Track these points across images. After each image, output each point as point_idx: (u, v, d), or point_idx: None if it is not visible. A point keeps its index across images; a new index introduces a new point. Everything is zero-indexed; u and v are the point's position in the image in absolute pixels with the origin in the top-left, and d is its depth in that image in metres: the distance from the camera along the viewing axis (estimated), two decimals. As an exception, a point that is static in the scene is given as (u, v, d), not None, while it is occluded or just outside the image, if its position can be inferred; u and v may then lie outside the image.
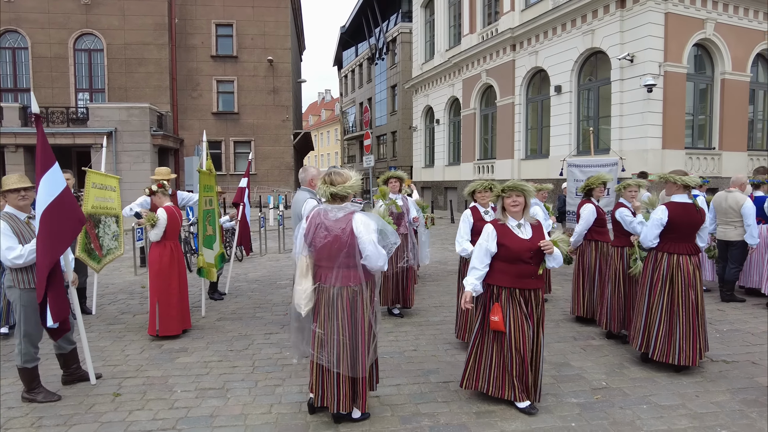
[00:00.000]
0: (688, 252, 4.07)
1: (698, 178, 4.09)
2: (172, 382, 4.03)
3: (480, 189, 4.65)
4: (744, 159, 14.54)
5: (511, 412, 3.41)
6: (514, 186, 3.38)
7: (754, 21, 14.33)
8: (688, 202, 4.03)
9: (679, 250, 4.08)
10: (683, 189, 4.04)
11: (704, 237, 4.11)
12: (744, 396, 3.68)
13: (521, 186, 3.37)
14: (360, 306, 3.10)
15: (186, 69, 24.08)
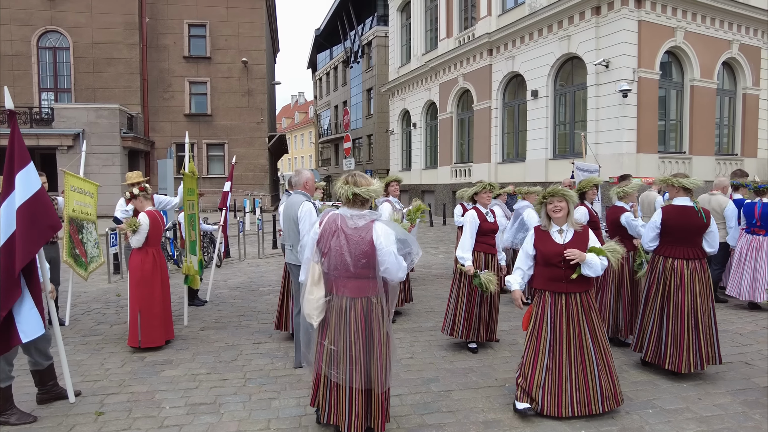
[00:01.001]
0: (685, 256, 4.04)
1: (697, 181, 4.10)
2: (160, 397, 3.80)
3: (481, 191, 4.63)
4: (712, 163, 15.01)
5: (520, 421, 3.32)
6: (555, 192, 3.35)
7: (720, 30, 14.84)
8: (687, 206, 4.03)
9: (675, 253, 4.07)
10: (683, 192, 4.05)
11: (712, 241, 4.06)
12: (744, 397, 3.70)
13: (562, 192, 3.34)
14: (376, 318, 2.92)
15: (157, 69, 23.46)
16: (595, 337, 3.36)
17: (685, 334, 3.94)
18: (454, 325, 4.73)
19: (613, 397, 3.34)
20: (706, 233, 4.01)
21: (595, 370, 3.31)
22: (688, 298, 3.95)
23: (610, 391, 3.32)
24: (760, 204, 6.14)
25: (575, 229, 3.40)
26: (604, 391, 3.31)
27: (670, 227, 4.03)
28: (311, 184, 4.34)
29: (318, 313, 2.95)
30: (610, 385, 3.33)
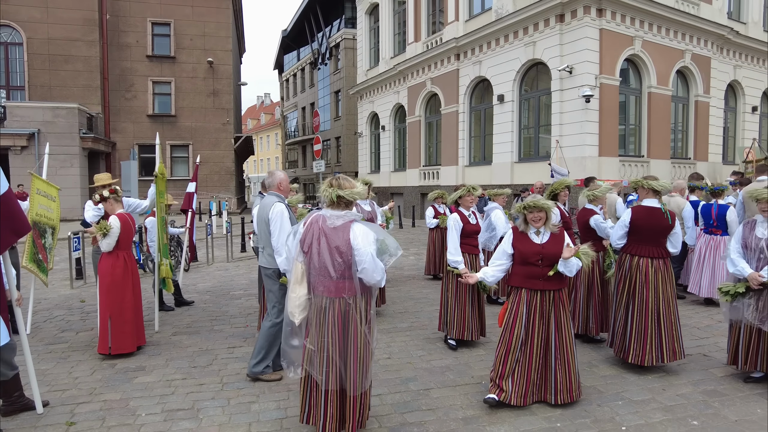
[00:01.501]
0: (650, 255, 4.24)
1: (666, 183, 4.33)
2: (134, 404, 3.71)
3: (465, 194, 4.83)
4: (668, 166, 15.71)
5: (498, 416, 3.42)
6: (536, 204, 3.51)
7: (674, 40, 15.57)
8: (655, 207, 4.24)
9: (641, 252, 4.28)
10: (653, 193, 4.26)
11: (675, 242, 4.28)
12: (704, 387, 3.91)
13: (542, 204, 3.51)
14: (353, 319, 2.92)
15: (119, 68, 22.76)
16: (560, 334, 3.54)
17: (649, 329, 4.14)
18: (447, 324, 4.92)
19: (568, 392, 3.52)
20: (670, 234, 4.23)
21: (552, 364, 3.52)
22: (652, 294, 4.15)
23: (566, 386, 3.52)
24: (716, 205, 6.49)
25: (552, 231, 3.55)
26: (558, 385, 3.51)
27: (637, 227, 4.23)
28: (285, 185, 4.26)
29: (300, 311, 2.96)
30: (567, 381, 3.52)
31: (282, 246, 3.80)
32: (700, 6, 16.07)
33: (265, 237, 4.07)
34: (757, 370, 3.91)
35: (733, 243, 3.99)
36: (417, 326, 5.69)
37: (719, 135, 17.72)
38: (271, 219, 3.97)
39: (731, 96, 18.52)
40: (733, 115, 18.79)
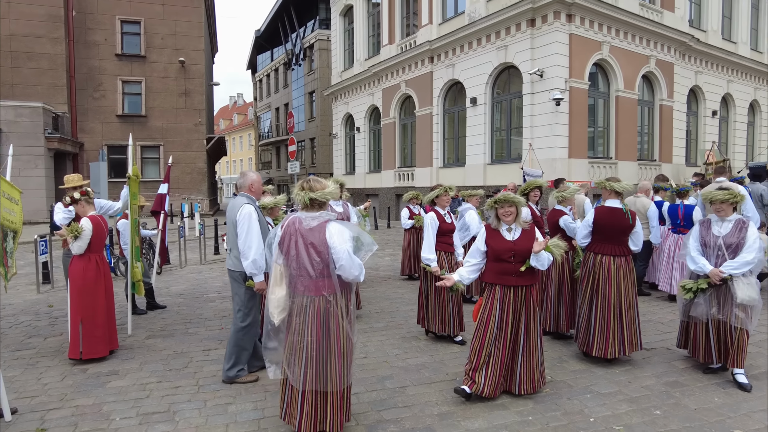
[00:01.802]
0: (612, 253, 4.45)
1: (627, 184, 4.51)
2: (108, 409, 3.66)
3: (442, 194, 4.97)
4: (635, 167, 16.21)
5: (472, 411, 3.52)
6: (506, 198, 3.65)
7: (640, 46, 16.09)
8: (617, 207, 4.43)
9: (604, 250, 4.48)
10: (614, 194, 4.45)
11: (636, 241, 4.48)
12: (666, 379, 4.10)
13: (512, 198, 3.64)
14: (334, 316, 2.99)
15: (86, 67, 22.14)
16: (528, 328, 3.70)
17: (611, 323, 4.34)
18: (428, 320, 5.07)
19: (530, 383, 3.71)
20: (631, 233, 4.43)
21: (519, 357, 3.68)
22: (614, 290, 4.36)
23: (528, 378, 3.70)
24: (683, 205, 6.76)
25: (523, 228, 3.68)
26: (522, 376, 3.69)
27: (600, 226, 4.43)
28: (257, 187, 4.17)
29: (279, 311, 3.01)
30: (530, 373, 3.70)
31: (248, 249, 3.79)
32: (663, 14, 16.66)
33: (233, 239, 4.01)
34: (713, 362, 4.12)
35: (692, 241, 4.19)
36: (393, 326, 5.76)
37: (682, 138, 18.38)
38: (239, 221, 3.91)
39: (693, 100, 19.24)
40: (695, 119, 19.52)
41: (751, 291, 3.83)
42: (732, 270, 3.88)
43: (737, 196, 3.98)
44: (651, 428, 3.27)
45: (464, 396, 3.62)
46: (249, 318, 4.09)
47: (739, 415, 3.44)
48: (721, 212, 4.05)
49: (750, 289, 3.84)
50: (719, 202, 3.99)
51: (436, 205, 5.09)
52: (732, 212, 4.04)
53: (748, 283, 3.87)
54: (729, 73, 20.13)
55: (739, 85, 20.76)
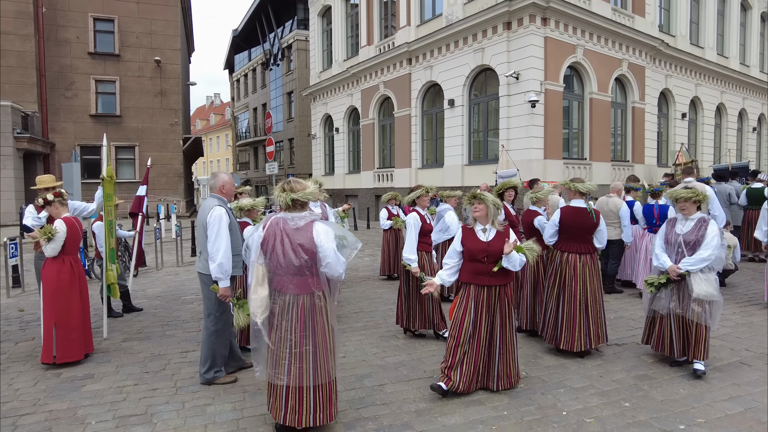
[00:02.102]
0: (578, 251, 4.63)
1: (591, 185, 4.67)
2: (83, 413, 3.62)
3: (424, 194, 5.07)
4: (608, 168, 16.59)
5: (449, 407, 3.59)
6: (474, 195, 3.78)
7: (612, 50, 16.49)
8: (581, 207, 4.59)
9: (570, 248, 4.66)
10: (578, 195, 4.61)
11: (601, 238, 4.65)
12: (636, 372, 4.24)
13: (480, 195, 3.74)
14: (320, 311, 3.09)
15: (58, 65, 21.61)
16: (503, 326, 3.80)
17: (577, 317, 4.51)
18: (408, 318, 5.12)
19: (507, 378, 3.81)
20: (596, 231, 4.58)
21: (496, 355, 3.77)
22: (580, 286, 4.53)
23: (506, 374, 3.80)
24: (657, 205, 6.97)
25: (498, 229, 3.77)
26: (500, 373, 3.78)
27: (566, 226, 4.60)
28: (229, 188, 4.12)
29: (262, 311, 3.05)
30: (507, 369, 3.80)
31: (216, 252, 3.76)
32: (634, 19, 17.10)
33: (202, 241, 3.95)
34: (676, 355, 4.28)
35: (658, 239, 4.36)
36: (371, 325, 5.81)
37: (654, 139, 18.89)
38: (209, 223, 3.85)
39: (664, 103, 19.79)
40: (665, 121, 20.08)
41: (708, 287, 3.98)
42: (688, 266, 4.05)
43: (699, 195, 4.15)
44: (620, 420, 3.39)
45: (440, 393, 3.69)
46: (221, 322, 4.06)
47: (703, 405, 3.60)
48: (684, 210, 4.21)
49: (707, 285, 3.99)
50: (683, 200, 4.15)
51: (417, 206, 5.15)
52: (695, 211, 4.20)
53: (706, 279, 4.02)
54: (697, 77, 20.77)
55: (707, 89, 21.44)
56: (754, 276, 8.11)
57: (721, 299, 4.07)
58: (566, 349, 4.55)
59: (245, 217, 5.05)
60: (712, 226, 4.13)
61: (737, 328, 5.45)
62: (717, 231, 4.11)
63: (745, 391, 3.82)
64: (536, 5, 13.81)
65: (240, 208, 4.97)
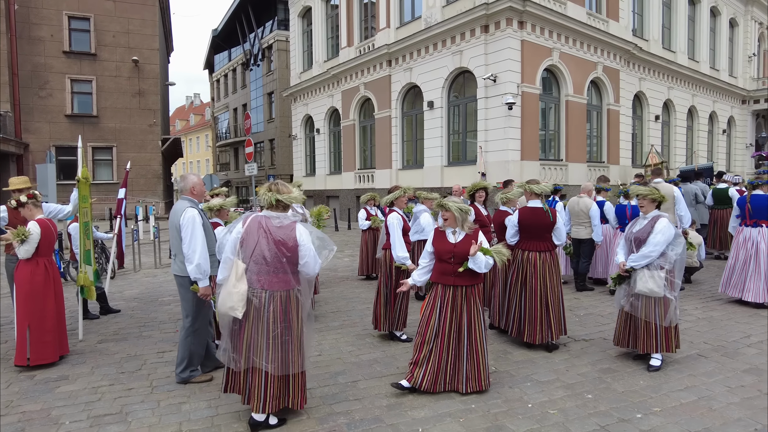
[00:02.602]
0: (537, 249, 4.83)
1: (545, 186, 4.86)
2: (57, 413, 3.64)
3: (403, 195, 5.19)
4: (584, 169, 16.95)
5: (419, 402, 3.71)
6: (440, 203, 3.94)
7: (588, 53, 16.86)
8: (537, 207, 4.78)
9: (530, 247, 4.86)
10: (534, 196, 4.80)
11: (559, 236, 4.83)
12: (601, 366, 4.42)
13: (445, 204, 3.87)
14: (295, 307, 3.26)
15: (31, 64, 21.18)
16: (471, 327, 3.87)
17: (538, 312, 4.71)
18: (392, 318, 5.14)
19: (477, 381, 3.84)
20: (554, 229, 4.76)
21: (464, 356, 3.84)
22: (540, 282, 4.72)
23: (475, 376, 3.84)
24: (629, 206, 7.20)
25: (467, 232, 3.91)
26: (468, 375, 3.84)
27: (525, 225, 4.81)
28: (199, 189, 4.16)
29: (242, 305, 3.18)
30: (475, 371, 3.84)
31: (193, 253, 3.83)
32: (609, 23, 17.51)
33: (177, 244, 3.98)
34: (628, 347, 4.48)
35: (622, 237, 4.56)
36: (348, 324, 5.90)
37: (629, 140, 19.34)
38: (182, 225, 3.88)
39: (638, 105, 20.29)
40: (640, 123, 20.58)
41: (652, 284, 4.15)
42: (632, 262, 4.25)
43: (656, 194, 4.33)
44: (582, 411, 3.55)
45: (401, 389, 3.79)
46: (197, 322, 4.12)
47: (660, 395, 3.78)
48: (642, 208, 4.40)
49: (651, 282, 4.15)
50: (641, 196, 4.34)
51: (395, 206, 5.24)
52: (653, 209, 4.38)
53: (651, 276, 4.18)
54: (669, 80, 21.33)
55: (679, 92, 22.04)
56: (719, 273, 8.40)
57: (672, 296, 4.20)
58: (530, 342, 4.74)
59: (215, 217, 5.10)
60: (661, 223, 4.24)
61: (698, 322, 5.69)
62: (665, 228, 4.18)
63: (699, 382, 4.02)
64: (513, 9, 14.07)
65: (209, 209, 5.02)
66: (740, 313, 6.09)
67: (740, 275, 6.42)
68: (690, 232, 7.37)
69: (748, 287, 6.30)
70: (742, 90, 26.47)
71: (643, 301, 4.27)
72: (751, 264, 6.31)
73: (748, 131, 27.49)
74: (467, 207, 3.93)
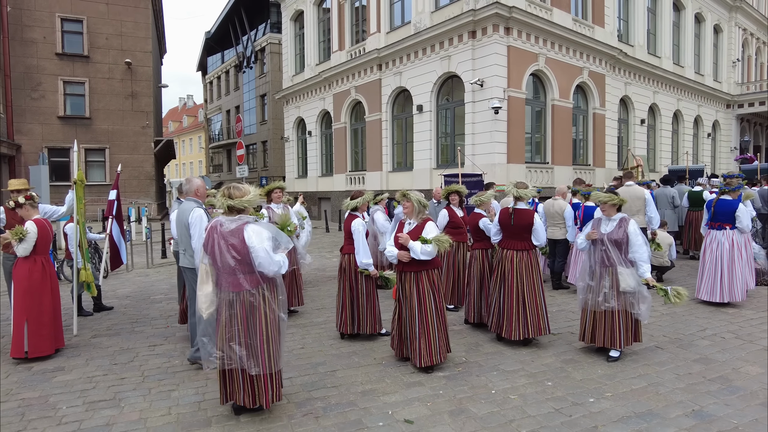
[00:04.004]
0: (516, 247, 5.11)
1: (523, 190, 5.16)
2: (54, 400, 3.91)
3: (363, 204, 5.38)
4: (570, 172, 17.32)
5: (391, 388, 4.01)
6: (402, 194, 4.41)
7: (574, 58, 17.26)
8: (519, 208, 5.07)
9: (509, 245, 5.16)
10: (516, 198, 5.10)
11: (537, 237, 5.11)
12: (565, 357, 4.74)
13: (407, 194, 4.34)
14: (259, 307, 3.36)
15: (23, 65, 21.31)
16: (420, 307, 4.32)
17: (515, 308, 4.96)
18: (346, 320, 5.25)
19: (429, 356, 4.28)
20: (532, 230, 5.05)
21: (417, 333, 4.30)
22: (517, 280, 4.98)
23: (428, 352, 4.28)
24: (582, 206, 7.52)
25: (417, 222, 4.36)
26: (421, 351, 4.27)
27: (503, 225, 5.07)
28: (202, 191, 4.63)
29: (207, 306, 3.40)
30: (428, 347, 4.28)
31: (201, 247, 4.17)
32: (594, 29, 17.93)
33: (186, 240, 4.45)
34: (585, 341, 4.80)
35: (581, 236, 4.89)
36: (331, 320, 6.17)
37: (614, 144, 19.76)
38: (191, 223, 4.36)
39: (623, 109, 20.72)
40: (625, 127, 21.02)
41: (632, 281, 4.48)
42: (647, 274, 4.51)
43: (616, 200, 4.66)
44: (540, 396, 3.87)
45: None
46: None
47: (614, 382, 4.10)
48: (605, 212, 4.73)
49: (631, 279, 4.48)
50: (603, 203, 4.67)
51: (358, 212, 5.29)
52: (615, 212, 4.72)
53: (630, 274, 4.52)
54: (655, 84, 21.81)
55: (664, 96, 22.52)
56: (691, 272, 8.77)
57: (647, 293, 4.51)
58: (507, 338, 5.01)
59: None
60: (632, 226, 4.61)
61: (661, 317, 6.03)
62: (638, 228, 4.61)
63: (652, 370, 4.35)
64: (499, 15, 14.43)
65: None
66: (702, 309, 6.44)
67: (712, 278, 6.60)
68: (659, 232, 7.73)
69: (715, 289, 6.53)
70: (726, 95, 27.03)
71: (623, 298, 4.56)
72: (717, 265, 6.57)
73: (732, 135, 28.06)
74: (426, 201, 4.38)
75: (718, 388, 3.95)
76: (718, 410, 3.58)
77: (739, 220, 6.39)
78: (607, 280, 4.62)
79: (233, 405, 3.56)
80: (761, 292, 7.24)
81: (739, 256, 6.45)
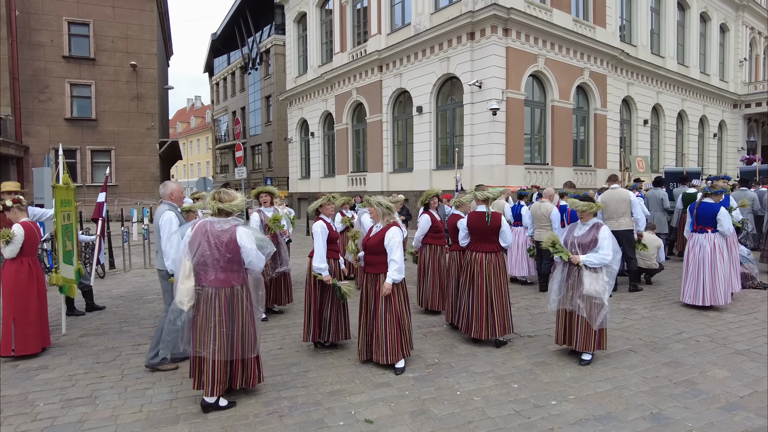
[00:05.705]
0: (483, 250, 5.19)
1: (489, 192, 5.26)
2: (33, 397, 4.05)
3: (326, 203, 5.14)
4: (570, 173, 17.29)
5: (359, 388, 4.10)
6: (367, 201, 4.68)
7: (574, 59, 17.22)
8: (482, 211, 5.15)
9: (477, 248, 5.25)
10: (481, 201, 5.18)
11: (504, 239, 5.18)
12: (536, 360, 4.79)
13: (371, 201, 4.59)
14: (240, 301, 3.70)
15: (31, 68, 21.72)
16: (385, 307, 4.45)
17: (484, 309, 5.05)
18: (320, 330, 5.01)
19: (394, 354, 4.43)
20: (499, 232, 5.12)
21: (381, 331, 4.45)
22: (486, 281, 5.07)
23: (393, 349, 4.44)
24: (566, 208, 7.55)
25: (383, 225, 4.53)
26: (388, 348, 4.43)
27: (471, 228, 5.15)
28: (177, 195, 4.74)
29: (188, 299, 3.63)
30: (394, 344, 4.43)
31: (170, 250, 4.27)
32: (596, 29, 17.88)
33: (158, 242, 4.61)
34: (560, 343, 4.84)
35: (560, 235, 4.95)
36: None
37: (616, 145, 19.68)
38: (161, 226, 4.52)
39: (626, 110, 20.63)
40: (628, 127, 20.91)
41: (597, 286, 4.52)
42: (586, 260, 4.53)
43: (593, 207, 4.70)
44: (504, 398, 3.93)
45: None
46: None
47: (579, 385, 4.15)
48: (582, 218, 4.78)
49: (596, 284, 4.52)
50: (580, 211, 4.72)
51: (321, 214, 5.10)
52: (591, 218, 4.77)
53: (596, 279, 4.55)
54: (658, 85, 21.67)
55: (668, 96, 22.37)
56: (681, 275, 8.74)
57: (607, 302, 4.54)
58: (476, 338, 5.10)
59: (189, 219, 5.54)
60: (604, 231, 4.66)
61: (641, 321, 6.05)
62: (610, 234, 4.65)
63: (620, 374, 4.39)
64: (497, 17, 14.46)
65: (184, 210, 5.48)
66: (683, 312, 6.45)
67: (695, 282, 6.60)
68: (647, 234, 7.74)
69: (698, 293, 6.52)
70: (733, 94, 26.78)
71: (587, 302, 4.61)
72: (699, 269, 6.57)
73: (739, 135, 27.78)
74: (391, 206, 4.53)
75: (682, 392, 3.99)
76: (676, 413, 3.63)
77: (720, 223, 6.38)
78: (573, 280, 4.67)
79: (201, 403, 3.68)
80: (747, 296, 7.23)
81: (721, 259, 6.44)
